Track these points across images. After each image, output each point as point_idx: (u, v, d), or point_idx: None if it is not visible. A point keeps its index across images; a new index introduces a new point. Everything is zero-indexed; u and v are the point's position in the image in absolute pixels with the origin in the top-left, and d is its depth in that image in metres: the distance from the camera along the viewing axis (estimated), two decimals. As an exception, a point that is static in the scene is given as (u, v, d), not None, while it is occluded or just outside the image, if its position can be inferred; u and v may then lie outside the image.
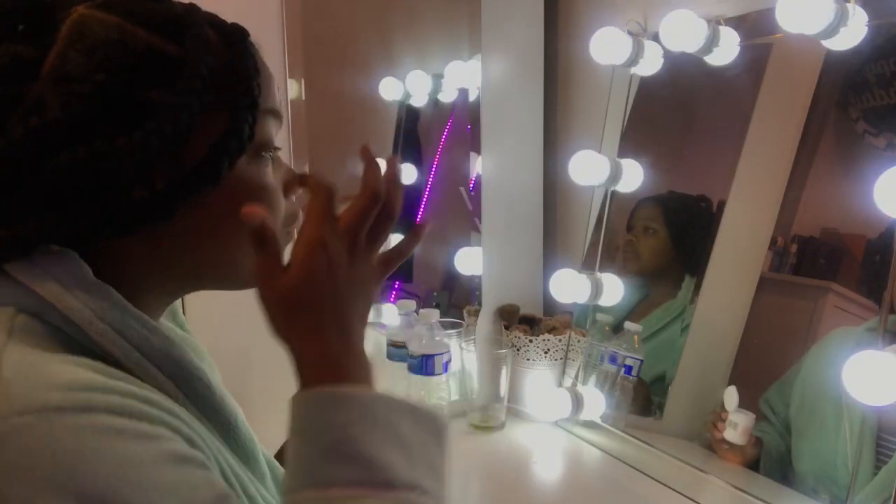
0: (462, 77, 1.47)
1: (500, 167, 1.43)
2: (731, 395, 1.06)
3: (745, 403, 1.06)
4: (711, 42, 1.13)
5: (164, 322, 0.59)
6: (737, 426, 1.06)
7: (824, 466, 0.98)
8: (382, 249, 0.57)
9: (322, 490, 0.45)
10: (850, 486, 0.90)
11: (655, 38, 1.23)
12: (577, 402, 1.27)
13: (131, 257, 0.52)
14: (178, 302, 0.65)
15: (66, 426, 0.39)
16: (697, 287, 1.19)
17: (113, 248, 0.51)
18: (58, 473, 0.38)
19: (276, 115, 0.56)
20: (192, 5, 0.53)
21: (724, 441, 1.08)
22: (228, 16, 0.58)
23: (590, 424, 1.28)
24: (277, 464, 0.64)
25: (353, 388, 0.49)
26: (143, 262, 0.53)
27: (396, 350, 1.36)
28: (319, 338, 0.50)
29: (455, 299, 1.58)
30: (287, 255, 0.53)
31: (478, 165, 1.43)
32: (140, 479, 0.40)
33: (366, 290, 0.54)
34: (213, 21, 0.54)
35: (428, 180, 1.70)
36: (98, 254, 0.51)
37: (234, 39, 0.53)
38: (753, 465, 1.06)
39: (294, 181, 0.58)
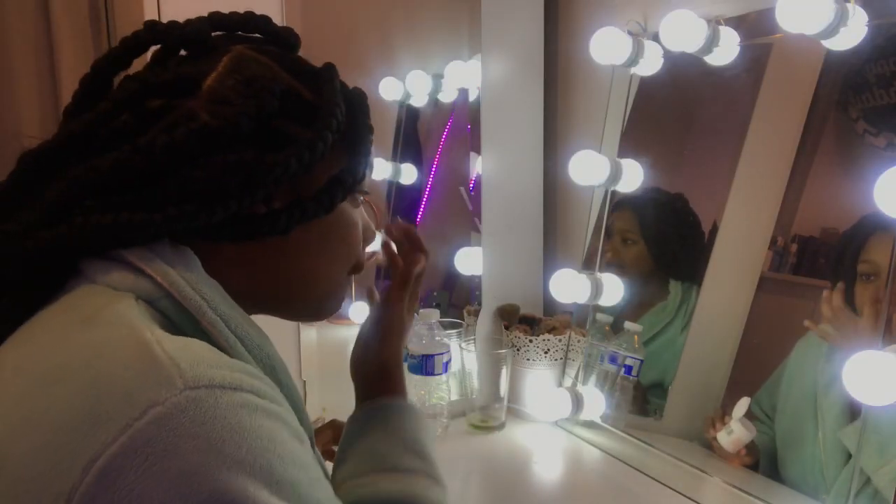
0: (462, 77, 1.47)
1: (500, 167, 1.43)
2: (741, 405, 1.06)
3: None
4: (711, 42, 1.13)
5: None
6: (731, 433, 1.06)
7: (807, 474, 0.98)
8: None
9: (401, 475, 0.63)
10: (826, 492, 0.91)
11: (655, 38, 1.23)
12: (577, 402, 1.27)
13: (229, 267, 0.57)
14: None
15: (227, 402, 0.43)
16: (697, 287, 1.19)
17: (216, 254, 0.56)
18: (228, 444, 0.41)
19: (372, 166, 0.66)
20: (330, 64, 0.62)
21: (716, 440, 1.09)
22: (229, 16, 0.60)
23: (590, 424, 1.28)
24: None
25: (413, 404, 0.71)
26: (238, 271, 0.57)
27: (396, 350, 1.36)
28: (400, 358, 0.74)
29: (455, 299, 1.58)
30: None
31: (478, 165, 1.43)
32: (285, 454, 0.44)
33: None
34: (342, 82, 0.63)
35: (428, 180, 1.70)
36: (202, 257, 0.54)
37: (357, 100, 0.63)
38: (752, 465, 1.06)
39: (381, 229, 0.71)
